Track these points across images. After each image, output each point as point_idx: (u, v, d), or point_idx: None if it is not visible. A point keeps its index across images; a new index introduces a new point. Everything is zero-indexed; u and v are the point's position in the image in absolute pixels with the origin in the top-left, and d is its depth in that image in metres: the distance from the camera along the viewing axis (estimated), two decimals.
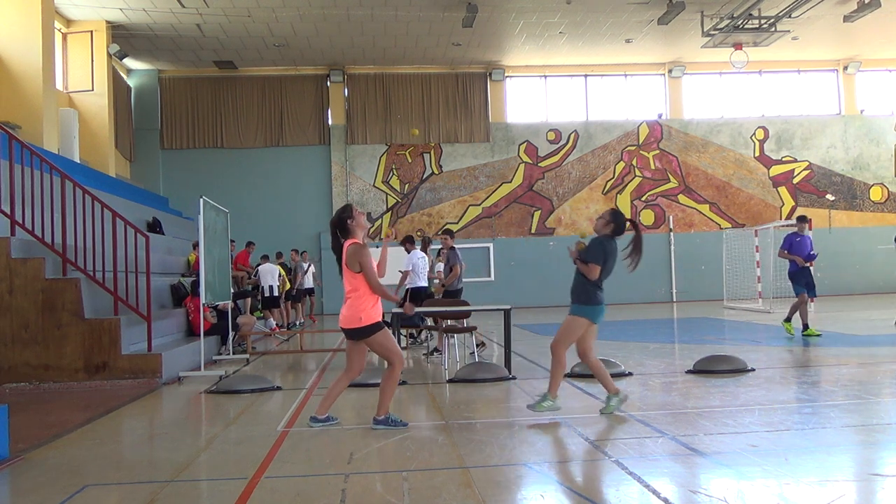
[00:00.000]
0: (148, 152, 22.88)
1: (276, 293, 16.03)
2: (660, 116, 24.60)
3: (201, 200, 10.04)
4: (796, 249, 12.06)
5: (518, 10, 19.18)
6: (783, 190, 24.75)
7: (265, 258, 16.72)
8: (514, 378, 8.27)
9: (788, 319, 12.12)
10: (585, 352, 6.39)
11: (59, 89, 17.84)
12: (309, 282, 18.25)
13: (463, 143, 23.86)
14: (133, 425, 6.90)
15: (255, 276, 15.91)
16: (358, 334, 5.89)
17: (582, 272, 6.24)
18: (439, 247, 12.49)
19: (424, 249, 12.14)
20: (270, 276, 15.90)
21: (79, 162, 16.87)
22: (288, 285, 17.11)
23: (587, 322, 6.25)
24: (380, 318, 5.92)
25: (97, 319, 8.69)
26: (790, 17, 19.10)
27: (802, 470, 4.55)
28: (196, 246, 13.18)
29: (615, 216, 6.41)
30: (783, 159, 24.79)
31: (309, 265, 18.27)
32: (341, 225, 5.98)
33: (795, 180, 24.78)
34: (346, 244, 5.91)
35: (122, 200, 14.70)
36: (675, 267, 23.88)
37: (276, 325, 15.90)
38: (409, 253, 11.70)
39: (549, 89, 24.53)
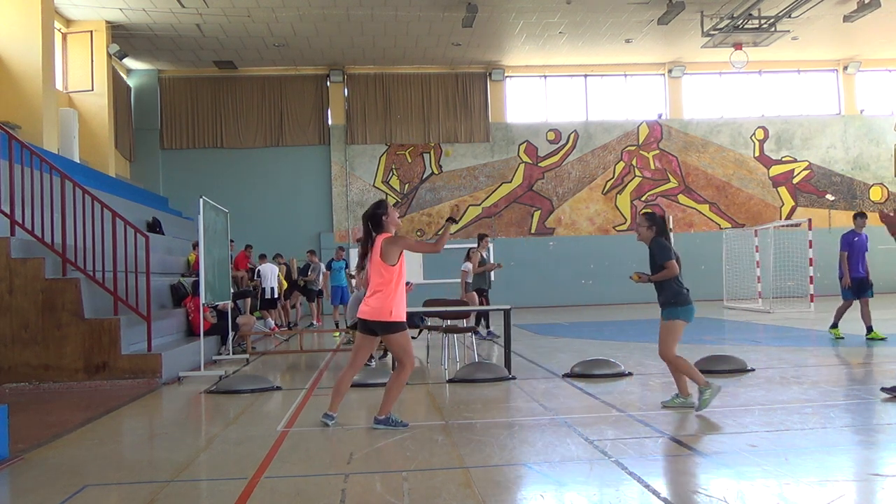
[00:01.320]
0: (148, 152, 22.88)
1: (275, 294, 16.03)
2: (660, 116, 24.60)
3: (201, 200, 10.04)
4: (856, 250, 11.11)
5: (518, 10, 19.18)
6: (783, 190, 24.75)
7: (263, 257, 16.70)
8: (513, 378, 8.27)
9: (870, 329, 11.00)
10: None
11: (59, 89, 17.84)
12: (321, 282, 18.19)
13: (463, 143, 23.86)
14: (133, 425, 6.90)
15: (256, 276, 15.88)
16: (382, 328, 5.85)
17: (664, 278, 6.25)
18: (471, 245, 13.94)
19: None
20: (271, 276, 15.88)
21: (79, 162, 16.87)
22: (286, 285, 17.11)
23: (683, 323, 6.27)
24: (405, 318, 5.93)
25: (97, 319, 8.69)
26: (790, 17, 19.10)
27: (802, 470, 4.55)
28: (196, 246, 13.18)
29: (653, 219, 6.46)
30: (783, 159, 24.79)
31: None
32: (375, 220, 5.97)
33: (795, 180, 24.78)
34: (380, 238, 5.91)
35: (122, 200, 14.70)
36: None
37: (276, 324, 15.89)
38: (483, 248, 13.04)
39: (548, 89, 24.53)
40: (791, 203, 24.64)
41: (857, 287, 11.19)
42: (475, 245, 13.51)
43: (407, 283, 6.20)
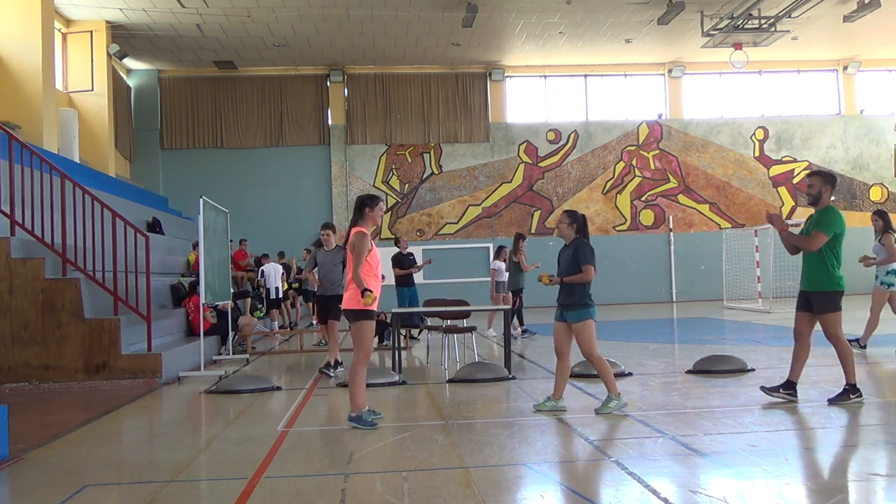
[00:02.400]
0: (148, 152, 22.87)
1: (279, 294, 16.01)
2: (660, 116, 24.59)
3: (201, 200, 10.04)
4: None
5: (518, 10, 19.18)
6: (783, 190, 24.75)
7: (266, 257, 16.67)
8: (513, 378, 8.27)
9: None
10: (562, 350, 6.47)
11: (59, 89, 17.83)
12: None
13: (463, 143, 23.85)
14: (133, 425, 6.90)
15: (260, 276, 15.83)
16: (351, 315, 6.01)
17: (579, 281, 6.25)
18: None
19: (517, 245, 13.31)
20: (275, 276, 15.85)
21: (79, 162, 16.86)
22: (286, 285, 17.10)
23: (594, 322, 6.31)
24: (374, 309, 6.08)
25: (97, 319, 8.69)
26: (790, 17, 19.09)
27: (802, 470, 4.55)
28: (196, 246, 13.17)
29: (574, 216, 6.45)
30: (783, 159, 24.79)
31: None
32: (359, 208, 6.18)
33: (795, 180, 24.76)
34: (353, 230, 6.08)
35: (122, 200, 14.69)
36: (675, 267, 23.88)
37: (279, 325, 15.87)
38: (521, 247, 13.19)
39: (548, 89, 24.52)
40: (791, 203, 24.62)
41: None
42: (497, 245, 14.09)
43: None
